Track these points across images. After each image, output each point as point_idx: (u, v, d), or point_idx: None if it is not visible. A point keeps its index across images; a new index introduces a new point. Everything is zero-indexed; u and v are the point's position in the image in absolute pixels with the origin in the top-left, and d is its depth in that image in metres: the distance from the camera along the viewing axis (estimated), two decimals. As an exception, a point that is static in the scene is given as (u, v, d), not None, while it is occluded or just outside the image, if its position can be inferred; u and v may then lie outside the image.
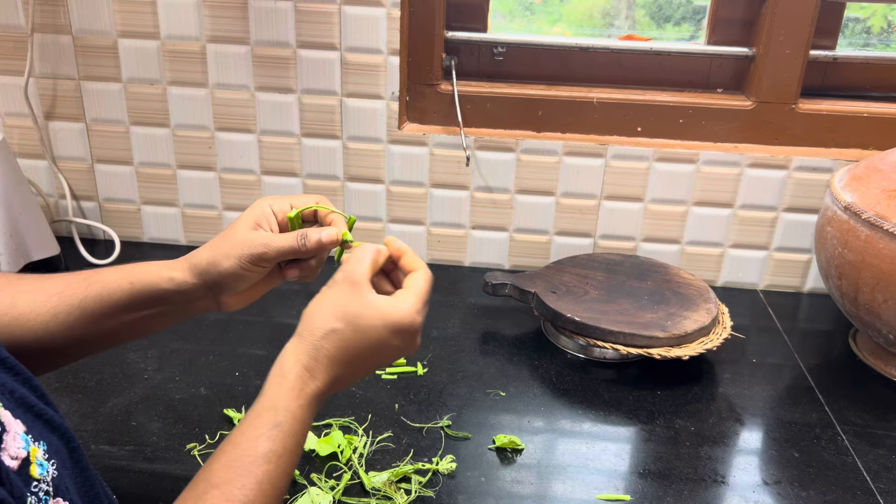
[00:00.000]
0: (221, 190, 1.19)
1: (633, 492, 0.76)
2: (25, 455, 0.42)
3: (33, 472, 0.43)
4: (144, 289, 0.63)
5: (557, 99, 1.12)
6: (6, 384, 0.45)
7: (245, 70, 1.10)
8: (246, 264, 0.61)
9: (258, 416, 0.52)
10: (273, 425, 0.51)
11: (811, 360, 1.00)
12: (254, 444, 0.50)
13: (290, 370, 0.54)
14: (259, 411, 0.52)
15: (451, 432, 0.83)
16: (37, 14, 1.08)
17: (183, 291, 0.63)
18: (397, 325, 0.56)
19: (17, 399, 0.45)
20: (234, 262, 0.61)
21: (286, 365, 0.55)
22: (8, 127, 1.16)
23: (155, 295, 0.63)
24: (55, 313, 0.60)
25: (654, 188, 1.12)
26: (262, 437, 0.51)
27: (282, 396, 0.53)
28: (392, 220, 1.18)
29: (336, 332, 0.55)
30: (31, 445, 0.43)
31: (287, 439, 0.51)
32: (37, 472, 0.43)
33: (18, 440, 0.42)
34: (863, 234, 0.89)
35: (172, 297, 0.63)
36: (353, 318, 0.55)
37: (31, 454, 0.43)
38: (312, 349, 0.55)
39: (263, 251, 0.61)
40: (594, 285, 1.03)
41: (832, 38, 1.11)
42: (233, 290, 0.64)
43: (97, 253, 1.18)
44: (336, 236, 0.63)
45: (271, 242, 0.62)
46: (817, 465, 0.81)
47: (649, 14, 1.20)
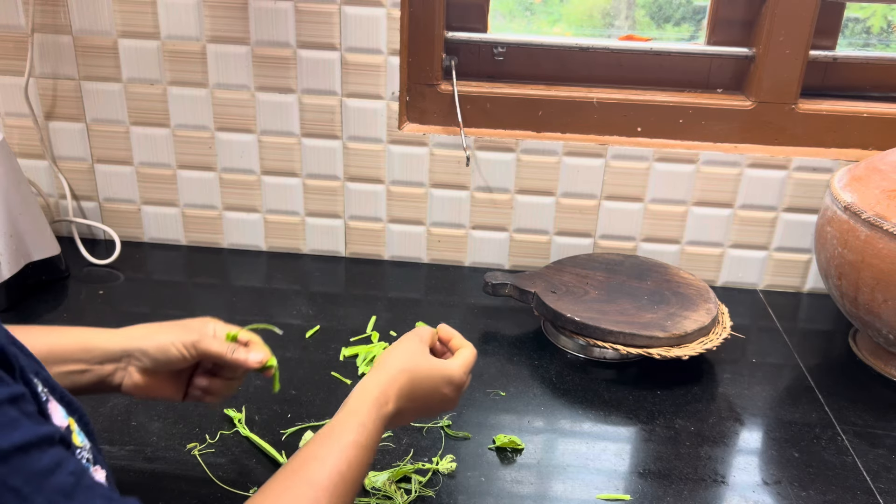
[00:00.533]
0: (222, 190, 1.19)
1: (633, 492, 0.76)
2: (67, 424, 0.45)
3: (76, 441, 0.45)
4: (67, 343, 0.66)
5: (557, 99, 1.12)
6: (30, 365, 0.46)
7: (245, 70, 1.10)
8: (178, 343, 0.67)
9: (346, 417, 0.61)
10: (359, 423, 0.60)
11: (811, 360, 1.00)
12: (344, 433, 0.59)
13: (371, 391, 0.63)
14: (346, 414, 0.61)
15: (452, 432, 0.83)
16: (37, 14, 1.08)
17: (103, 350, 0.66)
18: (450, 377, 0.68)
19: (43, 379, 0.47)
20: (169, 337, 0.67)
21: (368, 387, 0.64)
22: (8, 127, 1.16)
23: (76, 349, 0.66)
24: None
25: (653, 188, 1.12)
26: (349, 430, 0.59)
27: (364, 407, 0.62)
28: (392, 220, 1.18)
29: (406, 372, 0.66)
30: (68, 417, 0.46)
31: (368, 436, 0.60)
32: (79, 441, 0.46)
33: (60, 410, 0.45)
34: (862, 234, 0.89)
35: (92, 353, 0.66)
36: (419, 365, 0.67)
37: (71, 424, 0.46)
38: (389, 379, 0.65)
39: (198, 338, 0.67)
40: (594, 285, 1.03)
41: (832, 39, 1.11)
42: (147, 367, 0.67)
43: (97, 253, 1.18)
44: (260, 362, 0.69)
45: (208, 339, 0.68)
46: (817, 465, 0.81)
47: (649, 14, 1.20)
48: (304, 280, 1.15)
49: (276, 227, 1.21)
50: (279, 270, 1.17)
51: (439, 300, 1.11)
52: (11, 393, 0.38)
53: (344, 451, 0.57)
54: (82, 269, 1.15)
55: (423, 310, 1.08)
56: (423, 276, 1.18)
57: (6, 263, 1.00)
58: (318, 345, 0.98)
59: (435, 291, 1.14)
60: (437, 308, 1.08)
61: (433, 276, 1.18)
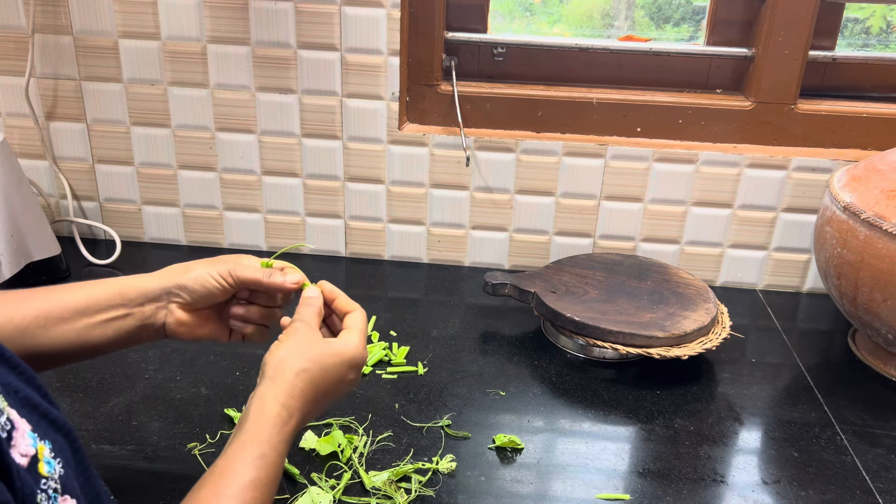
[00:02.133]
0: (222, 190, 1.19)
1: (633, 491, 0.76)
2: (34, 453, 0.43)
3: (42, 470, 0.43)
4: (106, 289, 0.66)
5: (557, 99, 1.12)
6: (11, 383, 0.45)
7: (246, 70, 1.10)
8: (216, 274, 0.67)
9: (242, 447, 0.55)
10: (258, 455, 0.54)
11: (810, 360, 1.00)
12: (240, 473, 0.53)
13: (271, 408, 0.58)
14: (243, 443, 0.55)
15: (451, 432, 0.83)
16: (38, 14, 1.08)
17: (142, 291, 0.66)
18: (352, 361, 0.63)
19: (23, 399, 0.46)
20: (206, 269, 0.67)
21: (266, 403, 0.58)
22: (9, 127, 1.16)
23: (114, 294, 0.66)
24: (8, 318, 0.61)
25: (653, 188, 1.13)
26: (248, 466, 0.54)
27: (264, 430, 0.56)
28: (392, 220, 1.19)
29: (306, 371, 0.60)
30: (38, 443, 0.44)
31: (270, 469, 0.55)
32: (45, 470, 0.43)
33: (27, 438, 0.43)
34: (862, 234, 0.90)
35: (131, 296, 0.66)
36: (318, 358, 0.62)
37: (39, 452, 0.44)
38: (288, 387, 0.59)
39: (234, 267, 0.67)
40: (594, 285, 1.03)
41: (831, 39, 1.11)
42: (189, 304, 0.67)
43: (98, 253, 1.18)
44: (297, 283, 0.69)
45: (242, 266, 0.68)
46: (816, 465, 0.81)
47: (649, 15, 1.20)
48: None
49: (277, 227, 1.21)
50: (279, 270, 1.18)
51: (439, 300, 1.11)
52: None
53: (242, 495, 0.52)
54: (83, 269, 1.15)
55: (423, 309, 1.08)
56: (423, 276, 1.18)
57: (7, 263, 1.00)
58: (318, 345, 0.98)
59: (435, 291, 1.14)
60: (437, 308, 1.09)
61: (433, 276, 1.18)
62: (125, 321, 0.66)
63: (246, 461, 0.54)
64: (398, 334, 1.01)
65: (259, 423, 0.56)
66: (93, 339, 0.65)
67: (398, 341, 0.99)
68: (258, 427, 0.56)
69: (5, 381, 0.44)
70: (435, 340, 1.00)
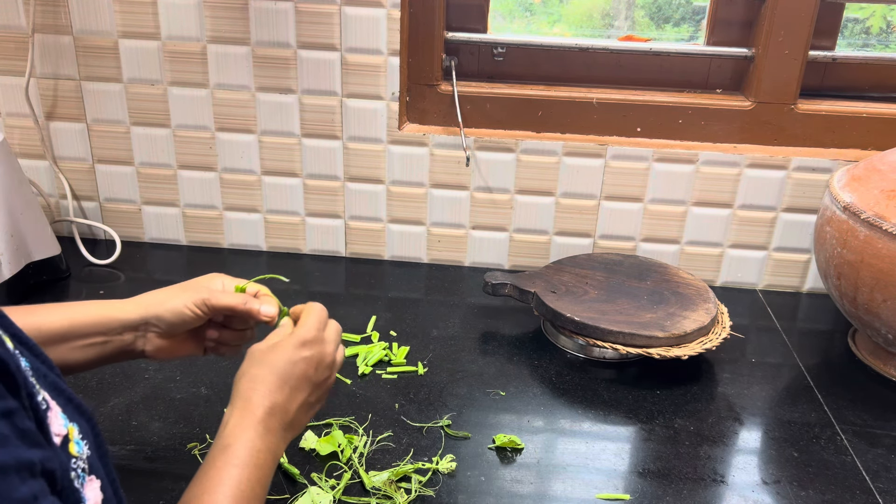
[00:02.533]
0: (222, 190, 1.19)
1: (633, 491, 0.76)
2: (65, 433, 0.44)
3: (72, 450, 0.45)
4: (86, 317, 0.68)
5: (557, 99, 1.12)
6: (39, 368, 0.46)
7: (246, 70, 1.10)
8: (190, 304, 0.69)
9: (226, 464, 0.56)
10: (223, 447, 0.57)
11: (810, 360, 1.00)
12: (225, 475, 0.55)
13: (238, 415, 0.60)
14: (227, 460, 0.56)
15: (451, 432, 0.83)
16: (38, 14, 1.08)
17: (121, 321, 0.68)
18: (299, 338, 0.64)
19: (51, 382, 0.47)
20: (181, 299, 0.69)
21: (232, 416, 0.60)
22: (9, 127, 1.16)
23: (94, 322, 0.68)
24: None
25: (653, 188, 1.13)
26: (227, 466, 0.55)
27: (241, 436, 0.58)
28: (392, 220, 1.19)
29: (249, 368, 0.63)
30: (68, 424, 0.45)
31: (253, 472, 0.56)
32: (75, 450, 0.45)
33: (59, 418, 0.44)
34: (862, 234, 0.90)
35: (111, 324, 0.68)
36: (257, 352, 0.64)
37: (70, 433, 0.45)
38: (240, 392, 0.61)
39: (208, 296, 0.69)
40: (594, 285, 1.03)
41: (831, 39, 1.11)
42: (165, 332, 0.70)
43: (98, 253, 1.18)
44: (271, 318, 0.70)
45: (217, 294, 0.70)
46: (816, 465, 0.81)
47: (649, 15, 1.20)
48: (304, 280, 1.15)
49: (277, 227, 1.21)
50: (279, 270, 1.17)
51: (439, 300, 1.11)
52: (5, 407, 0.37)
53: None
54: (83, 268, 1.15)
55: (423, 309, 1.08)
56: (423, 276, 1.18)
57: (7, 263, 1.00)
58: (318, 345, 0.98)
59: (435, 291, 1.14)
60: (437, 308, 1.09)
61: (433, 276, 1.18)
62: (105, 347, 0.69)
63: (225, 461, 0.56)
64: (398, 334, 1.01)
65: (232, 432, 0.58)
66: (71, 361, 0.67)
67: (398, 341, 0.99)
68: (232, 434, 0.58)
69: (34, 365, 0.45)
70: (435, 340, 1.00)
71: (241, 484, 0.54)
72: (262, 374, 0.62)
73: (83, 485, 0.44)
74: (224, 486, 0.54)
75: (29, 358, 0.45)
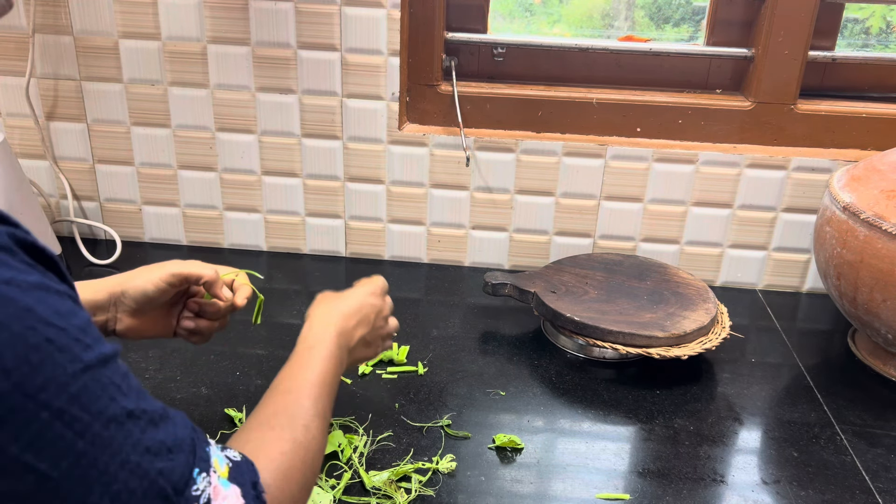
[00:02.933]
0: (222, 190, 1.19)
1: (633, 491, 0.76)
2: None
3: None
4: None
5: (557, 99, 1.12)
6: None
7: (246, 71, 1.10)
8: (155, 279, 0.71)
9: (302, 353, 0.65)
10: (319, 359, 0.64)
11: (810, 360, 1.00)
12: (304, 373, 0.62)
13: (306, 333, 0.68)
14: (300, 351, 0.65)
15: (452, 431, 0.83)
16: (38, 15, 1.08)
17: (89, 303, 0.69)
18: (370, 289, 0.77)
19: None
20: (147, 276, 0.71)
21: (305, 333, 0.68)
22: (9, 127, 1.16)
23: None
24: None
25: (653, 188, 1.13)
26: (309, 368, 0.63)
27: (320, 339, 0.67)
28: (392, 220, 1.19)
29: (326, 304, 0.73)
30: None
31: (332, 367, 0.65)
32: None
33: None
34: (861, 234, 0.90)
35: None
36: (337, 294, 0.75)
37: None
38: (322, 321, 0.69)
39: (172, 267, 0.72)
40: (593, 285, 1.03)
41: (831, 39, 1.12)
42: (134, 309, 0.71)
43: (98, 253, 1.18)
44: (244, 300, 0.77)
45: (181, 264, 0.73)
46: (816, 465, 0.81)
47: (648, 15, 1.20)
48: (304, 280, 1.15)
49: (277, 227, 1.21)
50: (280, 270, 1.18)
51: (439, 300, 1.11)
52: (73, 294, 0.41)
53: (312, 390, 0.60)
54: (83, 268, 1.16)
55: (423, 310, 1.08)
56: (423, 276, 1.18)
57: (7, 263, 1.00)
58: (318, 344, 0.98)
59: (435, 291, 1.14)
60: (437, 308, 1.09)
61: (433, 276, 1.18)
62: None
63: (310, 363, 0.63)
64: (398, 334, 1.01)
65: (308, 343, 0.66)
66: None
67: (398, 341, 0.99)
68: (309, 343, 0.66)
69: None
70: (435, 340, 1.00)
71: (324, 373, 0.62)
72: (338, 305, 0.72)
73: None
74: (312, 369, 0.62)
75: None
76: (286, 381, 0.61)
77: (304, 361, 0.63)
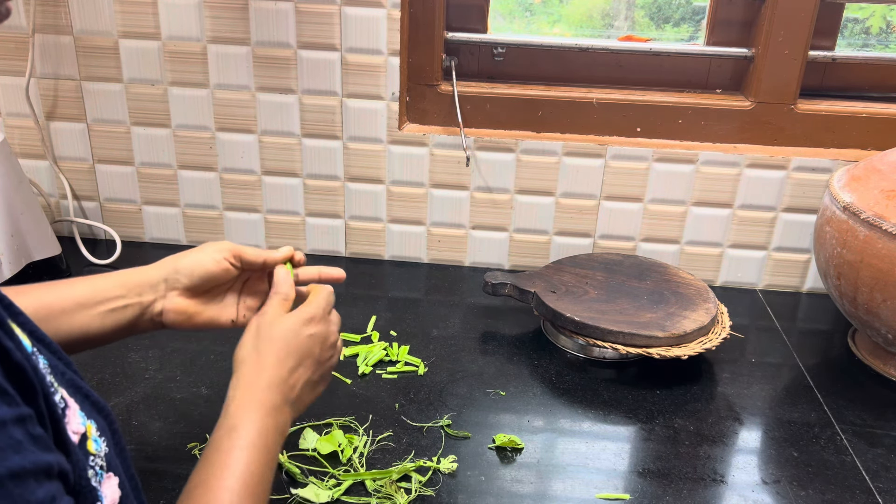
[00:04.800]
0: (222, 190, 1.19)
1: (633, 491, 0.76)
2: (83, 431, 0.44)
3: (90, 448, 0.45)
4: (105, 281, 0.67)
5: (557, 99, 1.12)
6: (56, 366, 0.46)
7: (246, 71, 1.10)
8: (215, 254, 0.68)
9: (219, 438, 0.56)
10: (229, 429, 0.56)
11: (810, 360, 1.00)
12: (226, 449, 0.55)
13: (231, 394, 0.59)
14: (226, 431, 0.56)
15: (452, 431, 0.83)
16: (38, 15, 1.08)
17: (140, 280, 0.67)
18: (304, 315, 0.64)
19: (68, 380, 0.47)
20: (207, 252, 0.68)
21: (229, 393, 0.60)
22: (9, 127, 1.16)
23: (114, 285, 0.66)
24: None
25: (653, 188, 1.13)
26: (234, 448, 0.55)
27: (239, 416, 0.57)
28: (392, 220, 1.19)
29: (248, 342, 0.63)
30: (86, 422, 0.45)
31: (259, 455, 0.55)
32: (93, 448, 0.45)
33: (77, 416, 0.44)
34: (862, 234, 0.90)
35: (130, 285, 0.67)
36: (260, 326, 0.64)
37: (88, 430, 0.45)
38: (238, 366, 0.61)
39: (241, 251, 0.69)
40: (594, 285, 1.03)
41: (831, 39, 1.12)
42: (186, 283, 0.68)
43: (98, 253, 1.18)
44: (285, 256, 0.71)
45: (249, 249, 0.70)
46: (816, 465, 0.81)
47: (649, 15, 1.20)
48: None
49: (277, 227, 1.21)
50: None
51: (439, 300, 1.11)
52: (19, 413, 0.37)
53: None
54: (83, 268, 1.16)
55: (423, 309, 1.08)
56: (423, 276, 1.18)
57: (7, 263, 1.00)
58: (318, 344, 0.98)
59: (435, 291, 1.14)
60: (437, 308, 1.09)
61: (433, 276, 1.18)
62: (124, 312, 0.66)
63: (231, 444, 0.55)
64: (398, 334, 1.01)
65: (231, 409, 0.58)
66: (92, 330, 0.65)
67: (398, 341, 0.99)
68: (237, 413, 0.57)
69: (52, 362, 0.45)
70: (435, 340, 1.00)
71: (249, 466, 0.53)
72: (266, 346, 0.61)
73: (101, 482, 0.44)
74: (232, 469, 0.53)
75: (47, 355, 0.45)
76: (205, 482, 0.52)
77: (226, 453, 0.54)
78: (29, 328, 0.46)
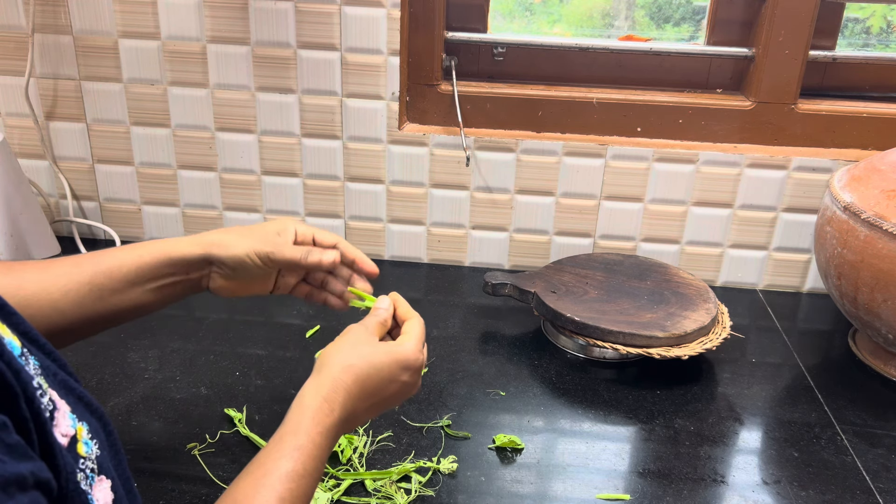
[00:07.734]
0: (222, 190, 1.19)
1: (633, 491, 0.76)
2: (73, 433, 0.44)
3: (80, 451, 0.44)
4: (153, 259, 0.69)
5: (557, 99, 1.12)
6: (49, 367, 0.46)
7: (245, 70, 1.10)
8: (252, 255, 0.70)
9: (280, 439, 0.56)
10: (294, 447, 0.55)
11: (810, 360, 1.00)
12: (276, 463, 0.54)
13: (311, 402, 0.58)
14: (282, 436, 0.56)
15: (452, 432, 0.83)
16: (37, 14, 1.08)
17: (187, 260, 0.69)
18: (405, 362, 0.63)
19: (60, 381, 0.47)
20: (243, 249, 0.70)
21: (306, 397, 0.59)
22: (9, 127, 1.16)
23: (162, 264, 0.69)
24: (65, 291, 0.65)
25: (653, 188, 1.13)
26: (284, 457, 0.54)
27: (303, 423, 0.56)
28: (392, 220, 1.19)
29: (353, 367, 0.61)
30: (77, 424, 0.45)
31: (307, 461, 0.55)
32: (83, 451, 0.45)
33: (67, 418, 0.44)
34: (862, 234, 0.90)
35: (177, 264, 0.69)
36: (367, 355, 0.62)
37: (78, 433, 0.45)
38: (331, 382, 0.60)
39: (272, 250, 0.70)
40: (594, 285, 1.03)
41: (831, 39, 1.11)
42: (229, 274, 0.71)
43: (98, 253, 1.18)
44: (334, 259, 0.72)
45: (282, 248, 0.70)
46: (816, 465, 0.81)
47: (649, 14, 1.20)
48: (304, 280, 1.15)
49: (277, 227, 1.21)
50: (279, 270, 1.18)
51: (439, 300, 1.11)
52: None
53: (278, 486, 0.52)
54: (83, 269, 1.15)
55: (424, 309, 1.07)
56: (423, 276, 1.18)
57: (7, 263, 1.00)
58: (318, 344, 0.98)
59: (435, 291, 1.14)
60: (437, 308, 1.09)
61: (433, 276, 1.18)
62: (175, 287, 0.70)
63: (283, 453, 0.54)
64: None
65: (298, 416, 0.57)
66: (144, 303, 0.69)
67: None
68: (297, 420, 0.57)
69: (44, 364, 0.45)
70: (435, 341, 1.00)
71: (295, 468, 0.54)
72: (356, 388, 0.60)
73: (92, 485, 0.44)
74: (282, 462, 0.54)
75: (39, 357, 0.45)
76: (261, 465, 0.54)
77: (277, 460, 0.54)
78: (22, 329, 0.45)
